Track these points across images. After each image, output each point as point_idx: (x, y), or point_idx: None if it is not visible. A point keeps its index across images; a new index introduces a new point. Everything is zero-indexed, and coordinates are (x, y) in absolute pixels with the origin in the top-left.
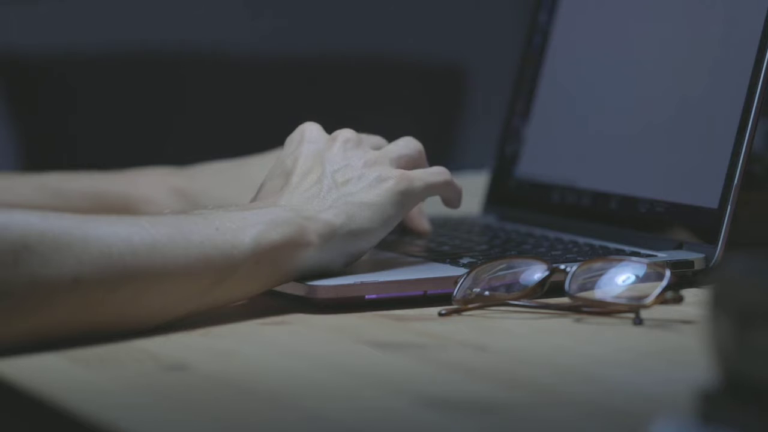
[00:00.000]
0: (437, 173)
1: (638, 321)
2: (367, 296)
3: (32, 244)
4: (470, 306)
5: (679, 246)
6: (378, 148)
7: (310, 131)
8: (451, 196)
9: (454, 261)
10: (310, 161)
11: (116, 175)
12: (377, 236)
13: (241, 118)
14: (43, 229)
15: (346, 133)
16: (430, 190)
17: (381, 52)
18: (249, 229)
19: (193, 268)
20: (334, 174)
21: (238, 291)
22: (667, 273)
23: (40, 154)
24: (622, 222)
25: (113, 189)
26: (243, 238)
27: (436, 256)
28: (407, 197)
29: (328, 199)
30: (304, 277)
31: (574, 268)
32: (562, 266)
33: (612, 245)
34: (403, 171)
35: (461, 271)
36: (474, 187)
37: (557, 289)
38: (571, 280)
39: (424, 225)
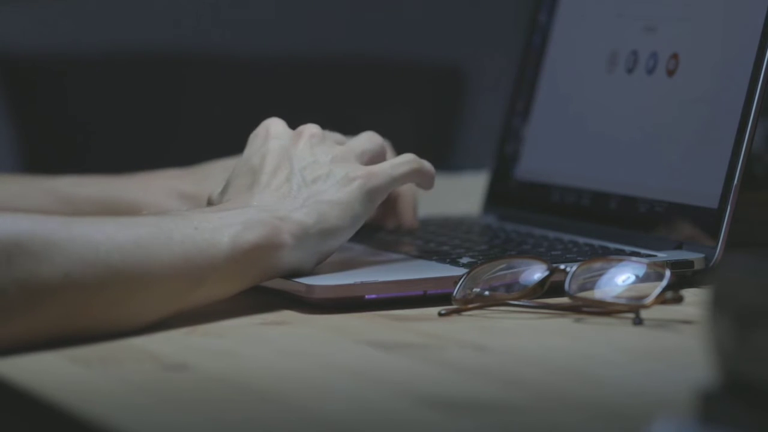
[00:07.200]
0: (403, 163)
1: (638, 321)
2: (367, 296)
3: (24, 244)
4: (470, 306)
5: (679, 246)
6: (340, 143)
7: (275, 127)
8: (421, 181)
9: (454, 261)
10: (276, 158)
11: (127, 181)
12: (346, 234)
13: (240, 118)
14: (33, 229)
15: (311, 129)
16: (396, 182)
17: (381, 53)
18: (226, 229)
19: (176, 267)
20: (303, 171)
21: (219, 290)
22: (667, 273)
23: (40, 155)
24: (622, 222)
25: (124, 195)
26: (221, 237)
27: (436, 256)
28: (375, 194)
29: (299, 198)
30: (280, 277)
31: (574, 268)
32: (562, 266)
33: (612, 245)
34: (369, 168)
35: (461, 271)
36: (474, 187)
37: (557, 289)
38: (571, 280)
39: (412, 220)
